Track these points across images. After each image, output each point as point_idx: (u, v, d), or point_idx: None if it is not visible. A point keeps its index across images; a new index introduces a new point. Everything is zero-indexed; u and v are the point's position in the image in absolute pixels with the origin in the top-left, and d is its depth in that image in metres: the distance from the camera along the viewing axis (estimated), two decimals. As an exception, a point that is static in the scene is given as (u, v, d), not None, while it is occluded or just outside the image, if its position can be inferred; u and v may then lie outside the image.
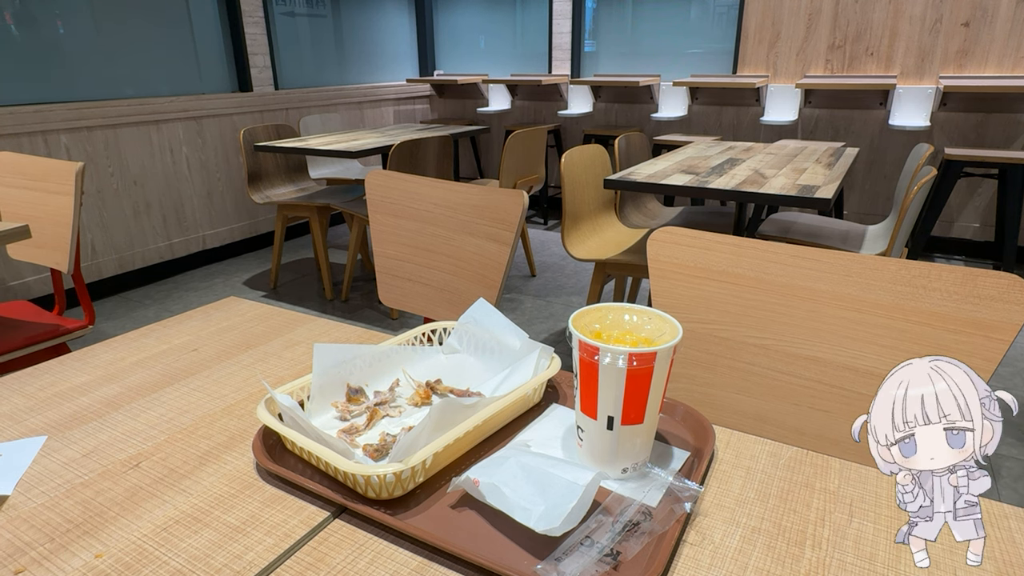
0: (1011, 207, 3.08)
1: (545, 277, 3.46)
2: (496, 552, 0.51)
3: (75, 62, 3.06)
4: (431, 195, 1.25)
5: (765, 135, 4.03)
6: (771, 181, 1.96)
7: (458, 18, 5.07)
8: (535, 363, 0.74)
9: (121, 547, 0.53)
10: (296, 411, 0.61)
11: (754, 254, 0.88)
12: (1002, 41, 3.32)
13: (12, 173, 1.74)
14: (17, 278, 2.95)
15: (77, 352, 0.90)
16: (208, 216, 3.72)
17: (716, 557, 0.52)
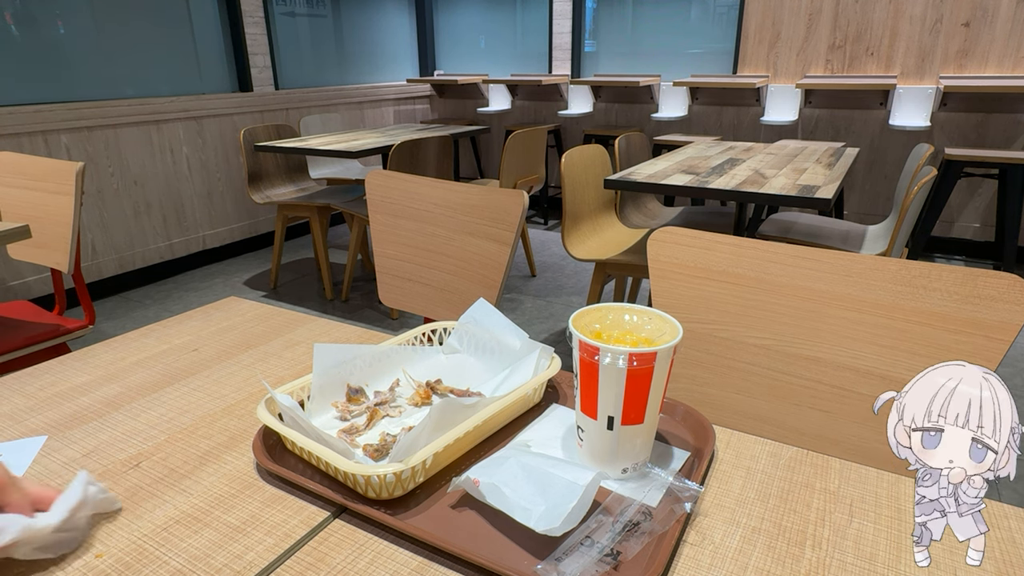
0: (1011, 207, 3.08)
1: (545, 277, 3.46)
2: (496, 552, 0.51)
3: (75, 62, 3.06)
4: (431, 195, 1.25)
5: (765, 135, 4.03)
6: (771, 181, 1.96)
7: (458, 18, 5.07)
8: (535, 363, 0.74)
9: (121, 547, 0.53)
10: (296, 411, 0.61)
11: (754, 254, 0.88)
12: (1002, 41, 3.32)
13: (12, 173, 1.74)
14: (17, 278, 2.95)
15: (77, 352, 0.90)
16: (208, 216, 3.72)
17: (716, 557, 0.52)
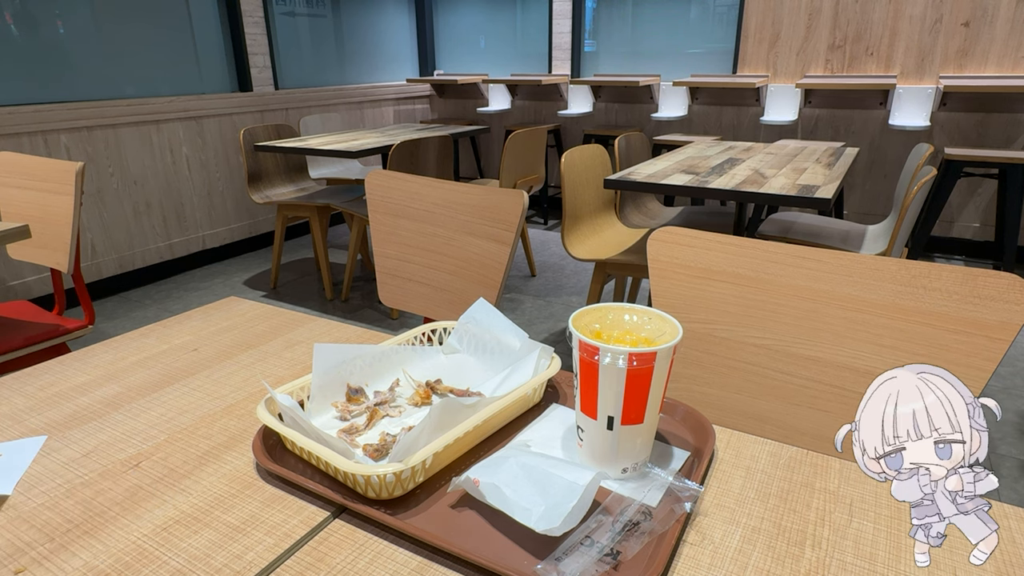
0: (1011, 207, 3.08)
1: (545, 277, 3.46)
2: (496, 552, 0.51)
3: (75, 62, 3.06)
4: (431, 195, 1.25)
5: (765, 135, 4.03)
6: (771, 181, 1.96)
7: (458, 18, 5.06)
8: (535, 363, 0.74)
9: (121, 547, 0.53)
10: (296, 411, 0.61)
11: (754, 254, 0.88)
12: (1002, 41, 3.32)
13: (12, 173, 1.74)
14: (17, 278, 2.95)
15: (77, 352, 0.90)
16: (208, 216, 3.72)
17: (716, 557, 0.52)
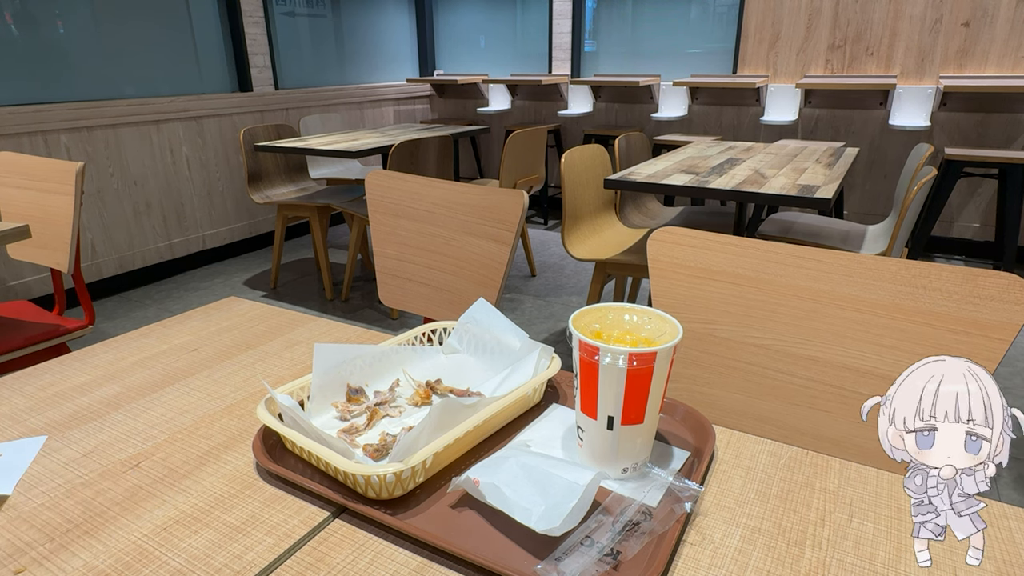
0: (1011, 207, 3.08)
1: (545, 277, 3.46)
2: (496, 552, 0.51)
3: (75, 62, 3.06)
4: (431, 195, 1.25)
5: (765, 135, 4.03)
6: (771, 181, 1.96)
7: (458, 18, 5.06)
8: (535, 363, 0.74)
9: (121, 547, 0.53)
10: (296, 411, 0.61)
11: (754, 254, 0.88)
12: (1002, 41, 3.32)
13: (12, 173, 1.74)
14: (17, 278, 2.95)
15: (77, 352, 0.90)
16: (208, 216, 3.72)
17: (716, 557, 0.52)
